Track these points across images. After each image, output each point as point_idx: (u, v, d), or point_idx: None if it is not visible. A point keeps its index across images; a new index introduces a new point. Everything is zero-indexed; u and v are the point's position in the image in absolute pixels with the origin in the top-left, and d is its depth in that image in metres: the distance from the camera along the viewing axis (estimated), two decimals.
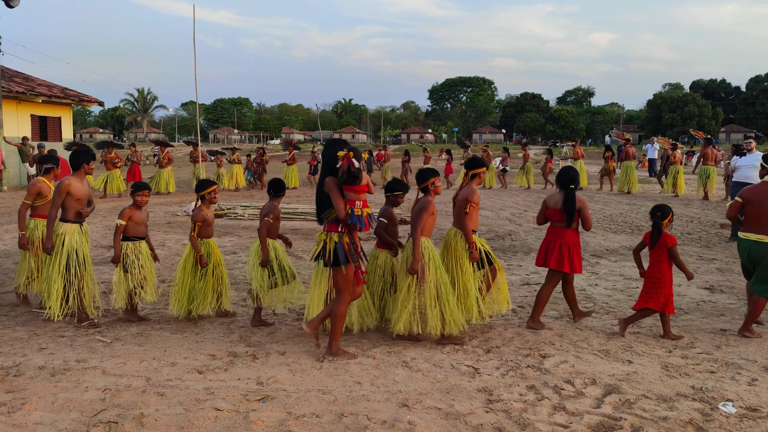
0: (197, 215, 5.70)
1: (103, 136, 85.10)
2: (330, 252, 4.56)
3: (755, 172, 10.13)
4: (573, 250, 5.39)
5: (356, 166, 4.43)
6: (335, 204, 4.49)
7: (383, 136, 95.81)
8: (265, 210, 5.55)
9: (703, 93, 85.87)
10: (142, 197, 5.79)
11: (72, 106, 23.54)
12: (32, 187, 6.07)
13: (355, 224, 4.51)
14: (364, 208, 4.53)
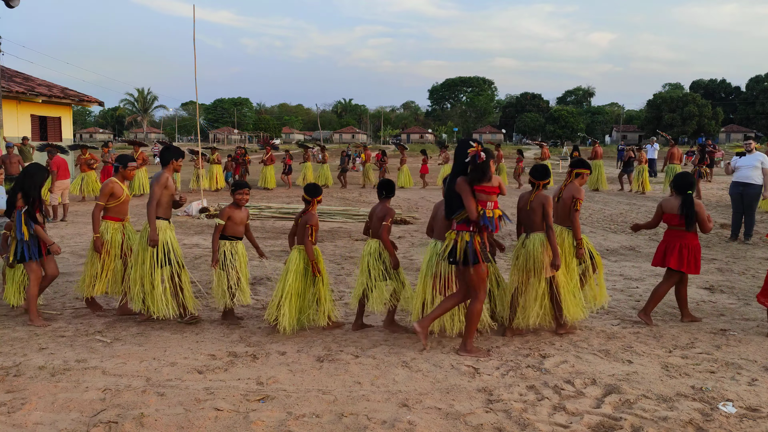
0: (310, 219, 5.33)
1: (103, 136, 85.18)
2: (461, 251, 4.63)
3: (755, 172, 10.13)
4: (692, 252, 5.60)
5: (483, 157, 4.52)
6: (467, 204, 4.56)
7: (383, 136, 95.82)
8: (381, 213, 5.33)
9: (703, 93, 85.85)
10: (242, 196, 5.66)
11: (72, 106, 23.55)
12: (105, 187, 5.86)
13: (486, 226, 4.60)
14: (495, 210, 4.61)
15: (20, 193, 5.62)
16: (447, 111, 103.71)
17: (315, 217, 5.36)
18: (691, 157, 34.31)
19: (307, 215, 5.35)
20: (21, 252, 5.60)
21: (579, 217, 5.44)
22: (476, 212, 4.53)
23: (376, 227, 5.41)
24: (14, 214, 5.65)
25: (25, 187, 5.64)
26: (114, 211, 5.90)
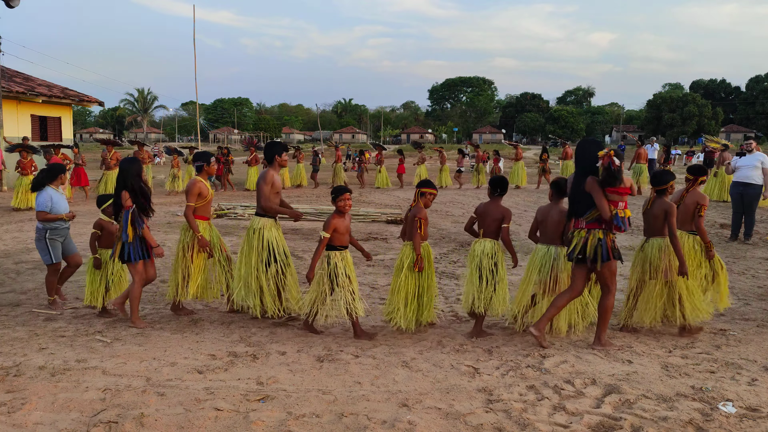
0: (419, 212, 5.19)
1: (103, 136, 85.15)
2: (591, 248, 4.73)
3: (755, 172, 10.14)
4: None
5: (617, 164, 4.57)
6: (599, 204, 4.64)
7: (383, 136, 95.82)
8: (499, 214, 5.23)
9: (703, 93, 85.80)
10: (344, 202, 5.23)
11: (72, 106, 23.55)
12: (192, 187, 5.69)
13: (618, 225, 4.66)
14: (626, 210, 4.69)
15: (126, 192, 5.46)
16: (447, 111, 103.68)
17: (424, 211, 5.27)
18: (691, 157, 34.41)
19: (415, 208, 5.28)
20: (127, 253, 5.48)
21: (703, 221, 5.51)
22: (609, 212, 4.64)
23: (490, 228, 5.28)
24: (121, 214, 5.49)
25: (128, 184, 5.47)
26: (201, 210, 5.79)
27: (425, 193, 5.31)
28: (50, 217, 5.96)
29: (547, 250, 5.21)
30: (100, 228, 5.96)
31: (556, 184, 5.33)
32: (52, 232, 6.04)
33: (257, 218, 5.60)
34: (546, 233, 5.26)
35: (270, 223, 5.56)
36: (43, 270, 6.56)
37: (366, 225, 12.27)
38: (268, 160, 5.75)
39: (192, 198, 5.69)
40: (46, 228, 6.02)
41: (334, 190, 5.29)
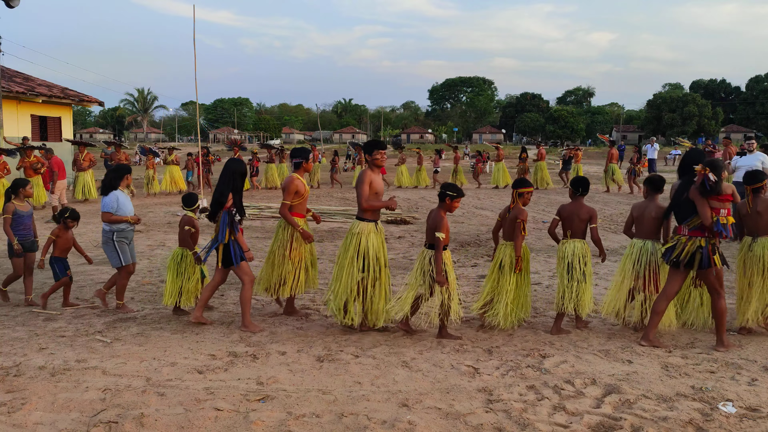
0: (521, 213, 5.32)
1: (103, 136, 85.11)
2: (687, 254, 4.87)
3: None
4: None
5: (712, 181, 4.66)
6: (702, 212, 4.75)
7: (383, 136, 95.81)
8: (586, 214, 5.38)
9: (703, 93, 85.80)
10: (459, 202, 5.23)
11: (72, 106, 23.54)
12: (289, 185, 5.57)
13: (720, 232, 4.76)
14: (729, 216, 4.77)
15: (231, 192, 5.38)
16: (447, 111, 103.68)
17: (525, 212, 5.38)
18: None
19: (516, 209, 5.36)
20: (231, 256, 5.35)
21: None
22: (710, 219, 4.73)
23: (579, 228, 5.40)
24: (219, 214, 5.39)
25: (236, 185, 5.44)
26: (297, 208, 5.66)
27: (523, 193, 5.41)
28: (115, 218, 5.94)
29: (644, 245, 5.34)
30: (192, 225, 5.93)
31: (651, 181, 5.48)
32: (118, 234, 6.01)
33: (356, 222, 5.35)
34: (642, 228, 5.38)
35: (369, 228, 5.30)
36: (43, 270, 6.53)
37: None
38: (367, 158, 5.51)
39: (289, 196, 5.56)
40: (113, 230, 5.99)
41: (452, 188, 5.22)
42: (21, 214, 6.29)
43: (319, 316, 5.95)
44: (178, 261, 5.96)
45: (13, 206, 6.25)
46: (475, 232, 11.27)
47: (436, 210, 5.21)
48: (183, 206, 6.16)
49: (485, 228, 11.77)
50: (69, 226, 6.27)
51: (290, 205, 5.61)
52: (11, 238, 6.18)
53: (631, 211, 5.54)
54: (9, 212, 6.23)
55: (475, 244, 10.10)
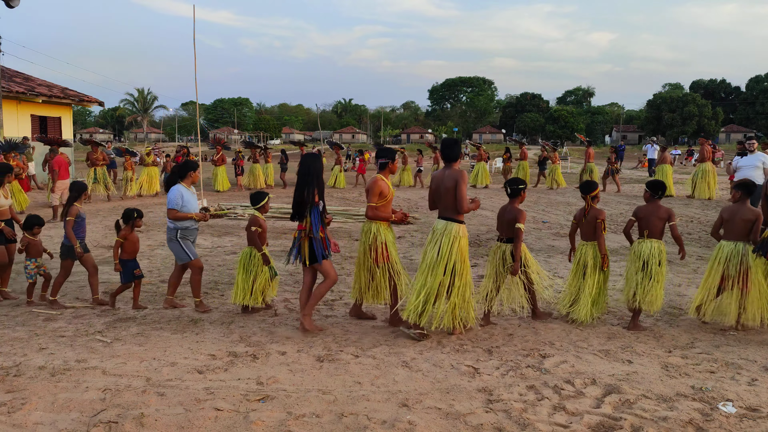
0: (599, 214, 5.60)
1: (103, 136, 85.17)
2: None
3: (757, 172, 10.14)
4: None
5: None
6: None
7: (383, 136, 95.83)
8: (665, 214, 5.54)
9: (703, 93, 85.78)
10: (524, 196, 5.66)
11: (72, 106, 23.56)
12: (374, 186, 5.41)
13: None
14: None
15: (316, 189, 5.30)
16: (447, 111, 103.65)
17: (603, 212, 5.66)
18: (691, 157, 34.41)
19: (595, 210, 5.64)
20: (315, 252, 5.30)
21: None
22: None
23: (657, 228, 5.55)
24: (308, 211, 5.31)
25: (319, 180, 5.35)
26: (382, 210, 5.48)
27: (595, 195, 5.72)
28: (180, 215, 5.93)
29: (734, 246, 5.52)
30: (259, 225, 5.89)
31: (743, 186, 5.68)
32: (183, 232, 5.99)
33: (449, 223, 5.14)
34: (733, 231, 5.58)
35: (464, 230, 5.18)
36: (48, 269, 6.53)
37: None
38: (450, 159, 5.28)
39: (374, 197, 5.40)
40: (177, 228, 5.97)
41: (521, 182, 5.67)
42: (82, 216, 6.25)
43: (319, 316, 5.95)
44: (246, 260, 5.90)
45: (77, 209, 6.20)
46: (475, 232, 11.27)
47: (510, 204, 5.60)
48: (251, 205, 6.06)
49: (485, 228, 11.77)
50: (137, 225, 6.23)
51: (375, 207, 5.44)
52: (73, 240, 6.10)
53: (721, 214, 5.74)
54: (73, 215, 6.16)
55: (475, 244, 10.10)
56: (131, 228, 6.21)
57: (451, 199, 5.09)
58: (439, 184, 5.20)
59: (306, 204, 5.28)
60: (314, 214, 5.28)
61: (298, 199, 5.33)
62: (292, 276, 7.66)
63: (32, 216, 6.53)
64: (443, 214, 5.22)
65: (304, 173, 5.34)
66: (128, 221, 6.21)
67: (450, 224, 5.12)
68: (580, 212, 5.77)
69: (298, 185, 5.34)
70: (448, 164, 5.23)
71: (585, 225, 5.71)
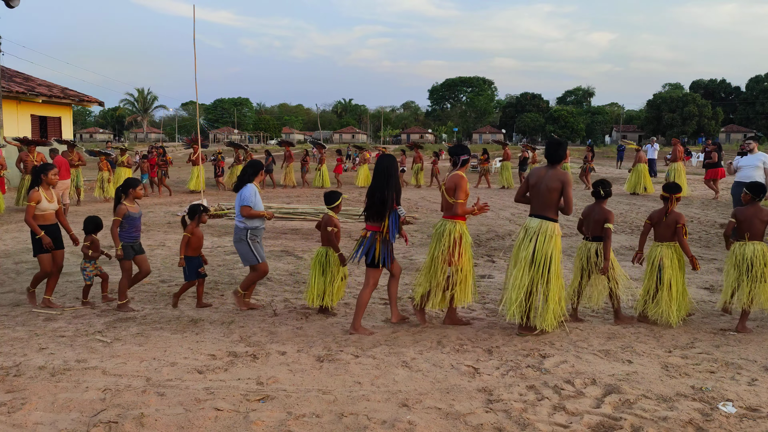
0: (680, 218, 5.64)
1: (103, 136, 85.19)
2: None
3: (757, 171, 10.13)
4: None
5: None
6: None
7: (383, 136, 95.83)
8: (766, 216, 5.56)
9: (703, 93, 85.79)
10: None
11: (72, 106, 23.58)
12: (461, 183, 5.31)
13: None
14: None
15: (395, 192, 5.29)
16: (447, 111, 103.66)
17: (683, 216, 5.69)
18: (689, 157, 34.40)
19: (675, 214, 5.67)
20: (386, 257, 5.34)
21: None
22: None
23: (759, 230, 5.57)
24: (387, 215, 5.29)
25: (397, 182, 5.34)
26: (462, 209, 5.43)
27: (680, 197, 5.82)
28: (254, 213, 5.90)
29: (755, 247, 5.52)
30: (334, 225, 5.84)
31: (755, 187, 5.68)
32: (252, 232, 5.95)
33: (545, 222, 5.20)
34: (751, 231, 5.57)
35: (558, 229, 5.24)
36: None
37: None
38: (555, 160, 5.33)
39: (462, 194, 5.28)
40: (247, 228, 5.92)
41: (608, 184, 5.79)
42: (132, 215, 6.07)
43: (319, 316, 5.95)
44: (321, 261, 5.84)
45: (125, 208, 6.02)
46: (475, 232, 11.27)
47: (598, 204, 5.74)
48: (325, 204, 6.00)
49: (485, 228, 11.77)
50: (202, 221, 6.20)
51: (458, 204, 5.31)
52: (116, 242, 5.97)
53: (735, 215, 5.74)
54: (120, 214, 6.00)
55: (475, 244, 10.10)
56: (197, 223, 6.17)
57: (551, 199, 5.17)
58: (540, 182, 5.25)
59: (387, 206, 5.25)
60: (393, 219, 5.28)
61: (377, 201, 5.30)
62: (292, 276, 7.66)
63: (93, 217, 6.43)
64: (538, 212, 5.27)
65: (382, 175, 5.34)
66: (193, 216, 6.18)
67: (545, 223, 5.20)
68: (659, 213, 5.76)
69: (375, 186, 5.34)
70: (551, 164, 5.32)
71: (663, 226, 5.70)
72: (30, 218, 5.99)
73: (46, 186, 6.13)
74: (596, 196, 5.78)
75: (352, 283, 7.00)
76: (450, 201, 5.33)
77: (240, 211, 5.92)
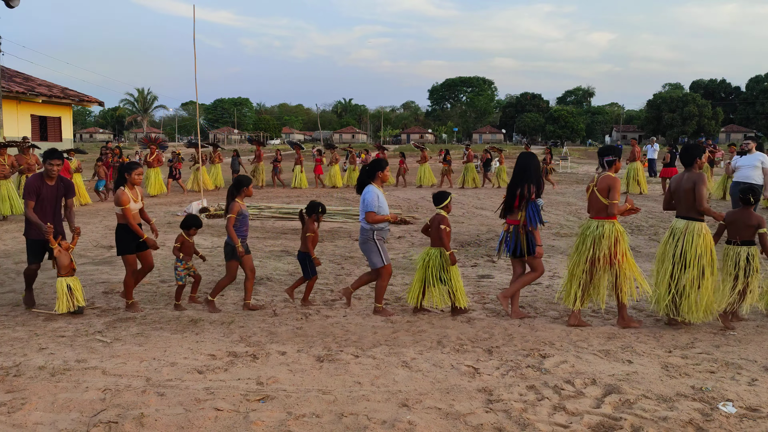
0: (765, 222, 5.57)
1: (103, 136, 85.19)
2: None
3: (755, 171, 10.13)
4: None
5: None
6: None
7: (383, 136, 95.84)
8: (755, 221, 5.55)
9: (703, 93, 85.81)
10: None
11: (72, 106, 23.60)
12: (617, 184, 5.42)
13: None
14: None
15: (534, 185, 5.58)
16: (447, 111, 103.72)
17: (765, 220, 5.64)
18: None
19: (755, 216, 5.64)
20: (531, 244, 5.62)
21: None
22: None
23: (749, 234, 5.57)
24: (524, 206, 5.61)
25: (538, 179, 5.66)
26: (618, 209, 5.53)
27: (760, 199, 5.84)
28: (378, 218, 5.81)
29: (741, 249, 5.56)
30: (448, 224, 5.84)
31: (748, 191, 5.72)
32: (378, 233, 5.90)
33: (694, 222, 5.43)
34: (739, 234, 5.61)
35: (706, 228, 5.44)
36: (44, 270, 6.53)
37: None
38: (688, 162, 5.57)
39: (618, 194, 5.41)
40: (373, 229, 5.86)
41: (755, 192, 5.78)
42: (244, 214, 6.04)
43: (319, 316, 5.95)
44: (432, 261, 5.81)
45: (239, 206, 5.96)
46: (476, 232, 11.27)
47: (747, 210, 5.68)
48: (435, 205, 5.98)
49: (485, 228, 11.77)
50: (319, 220, 6.22)
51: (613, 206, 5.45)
52: (235, 239, 5.89)
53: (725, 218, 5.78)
54: (235, 212, 5.93)
55: (475, 244, 10.11)
56: (314, 221, 6.17)
57: (691, 200, 5.44)
58: (679, 187, 5.57)
59: (523, 199, 5.60)
60: (532, 209, 5.62)
61: (512, 194, 5.67)
62: (292, 276, 7.66)
63: (191, 216, 6.34)
64: (683, 214, 5.55)
65: (521, 170, 5.72)
66: (311, 214, 6.17)
67: (691, 223, 5.45)
68: (733, 214, 5.73)
69: (514, 183, 5.72)
70: (687, 167, 5.59)
71: (737, 228, 5.61)
72: (131, 220, 5.91)
73: (131, 186, 6.08)
74: (745, 203, 5.72)
75: (347, 279, 7.00)
76: (605, 202, 5.46)
77: (365, 217, 5.85)
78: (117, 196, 5.95)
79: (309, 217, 6.22)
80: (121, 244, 6.01)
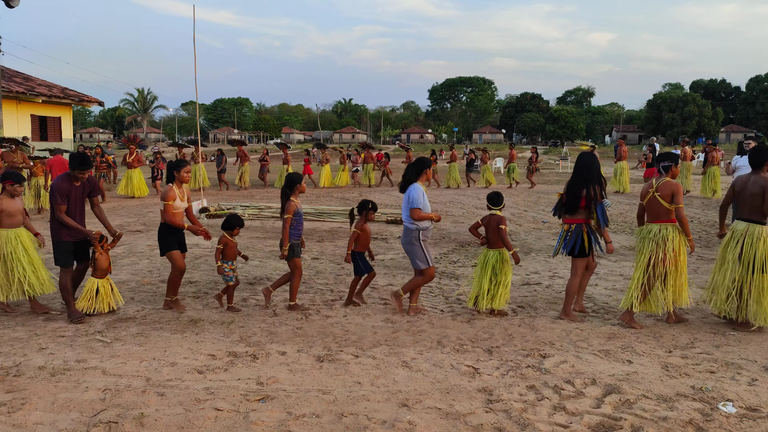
0: None
1: (103, 136, 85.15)
2: None
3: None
4: None
5: None
6: None
7: (383, 136, 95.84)
8: None
9: (703, 93, 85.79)
10: None
11: (72, 106, 23.60)
12: (678, 189, 5.46)
13: None
14: None
15: (598, 185, 5.70)
16: (447, 111, 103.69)
17: None
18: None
19: None
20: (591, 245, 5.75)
21: None
22: None
23: None
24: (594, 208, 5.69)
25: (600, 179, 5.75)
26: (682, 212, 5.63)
27: None
28: (424, 215, 5.77)
29: None
30: (504, 223, 5.86)
31: None
32: (423, 233, 5.87)
33: (755, 225, 5.45)
34: None
35: (767, 231, 5.42)
36: (49, 269, 6.52)
37: None
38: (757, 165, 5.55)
39: (681, 197, 5.45)
40: (418, 228, 5.82)
41: None
42: (299, 212, 5.98)
43: (319, 316, 5.95)
44: (495, 262, 5.82)
45: (294, 205, 5.88)
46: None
47: None
48: (489, 206, 5.99)
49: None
50: (370, 218, 6.18)
51: None
52: (286, 241, 5.83)
53: None
54: (291, 211, 5.83)
55: (475, 244, 10.10)
56: (364, 219, 6.14)
57: (756, 203, 5.45)
58: (744, 189, 5.57)
59: (591, 200, 5.71)
60: (600, 210, 5.73)
61: (573, 196, 5.76)
62: None
63: (233, 216, 6.24)
64: (744, 216, 5.56)
65: (583, 170, 5.80)
66: (362, 212, 6.15)
67: (752, 226, 5.46)
68: None
69: (574, 182, 5.80)
70: (754, 170, 5.58)
71: None
72: (171, 217, 5.89)
73: (179, 183, 6.04)
74: None
75: (347, 279, 7.00)
76: (669, 207, 5.49)
77: (410, 214, 5.79)
78: (164, 192, 5.94)
79: (359, 215, 6.19)
80: (164, 243, 6.00)
